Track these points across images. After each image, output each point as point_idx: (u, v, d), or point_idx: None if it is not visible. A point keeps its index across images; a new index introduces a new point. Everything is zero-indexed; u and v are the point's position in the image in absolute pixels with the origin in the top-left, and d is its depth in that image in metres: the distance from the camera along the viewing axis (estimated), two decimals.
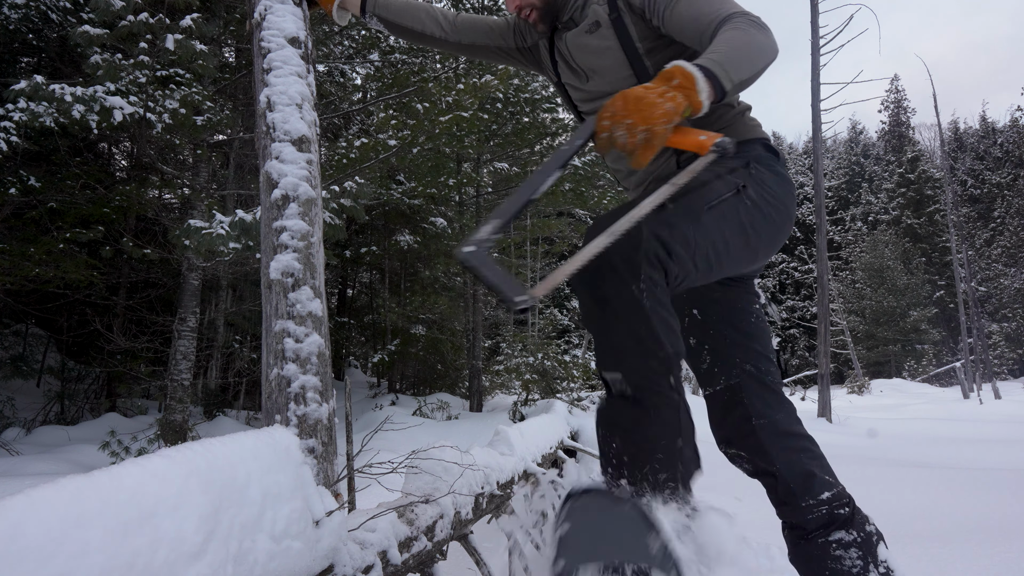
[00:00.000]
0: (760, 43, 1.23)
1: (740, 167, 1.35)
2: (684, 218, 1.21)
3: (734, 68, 1.18)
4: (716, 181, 1.28)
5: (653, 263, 1.14)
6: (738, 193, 1.29)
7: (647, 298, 1.12)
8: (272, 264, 1.41)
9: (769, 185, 1.35)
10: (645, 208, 1.16)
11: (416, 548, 1.55)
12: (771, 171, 1.39)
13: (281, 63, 1.54)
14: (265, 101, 1.51)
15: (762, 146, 1.43)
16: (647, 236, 1.14)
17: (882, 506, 3.14)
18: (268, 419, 1.35)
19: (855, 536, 1.41)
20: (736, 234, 1.27)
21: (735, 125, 1.45)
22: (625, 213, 1.16)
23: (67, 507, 0.72)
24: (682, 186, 1.23)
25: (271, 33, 1.56)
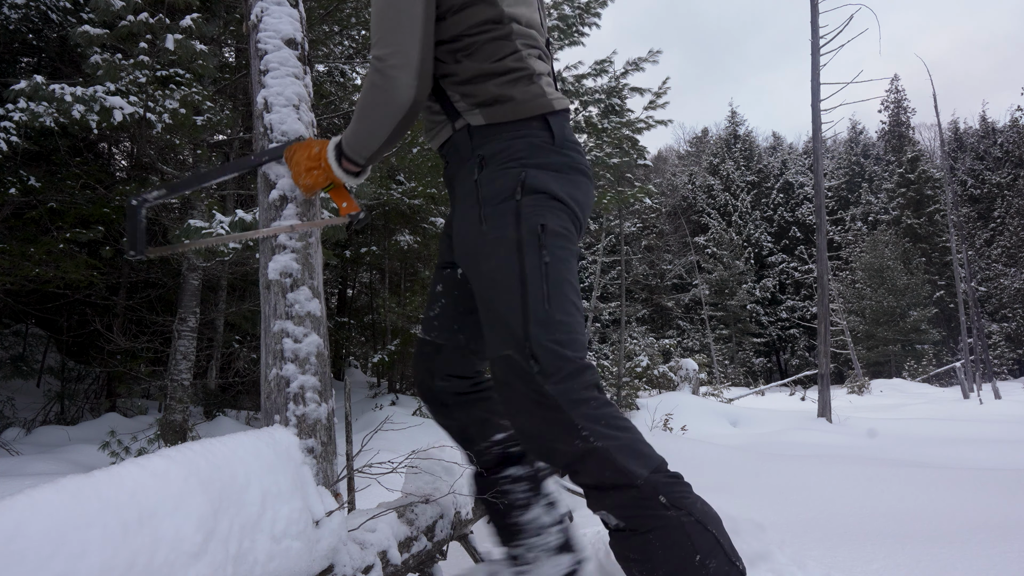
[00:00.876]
0: (379, 112, 1.26)
1: (511, 190, 1.24)
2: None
3: (362, 145, 1.31)
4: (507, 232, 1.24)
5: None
6: (540, 246, 1.22)
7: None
8: (270, 264, 1.42)
9: (545, 196, 1.25)
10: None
11: (416, 548, 1.55)
12: (551, 169, 1.27)
13: (278, 64, 1.54)
14: (262, 102, 1.51)
15: (540, 128, 1.29)
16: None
17: (882, 506, 3.14)
18: (267, 419, 1.35)
19: (525, 471, 1.52)
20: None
21: (500, 102, 1.27)
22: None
23: (67, 507, 0.73)
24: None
25: (267, 35, 1.56)
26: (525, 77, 1.29)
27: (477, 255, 1.28)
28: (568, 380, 1.19)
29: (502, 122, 1.27)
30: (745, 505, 3.22)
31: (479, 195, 1.27)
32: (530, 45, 1.33)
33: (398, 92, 1.23)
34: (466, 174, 1.31)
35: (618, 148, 9.40)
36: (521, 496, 1.49)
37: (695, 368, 14.16)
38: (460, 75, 1.28)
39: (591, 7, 9.28)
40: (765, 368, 35.98)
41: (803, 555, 2.07)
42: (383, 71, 1.23)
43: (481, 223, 1.26)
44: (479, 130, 1.29)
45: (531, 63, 1.31)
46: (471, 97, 1.28)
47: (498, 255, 1.24)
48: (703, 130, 52.62)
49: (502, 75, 1.27)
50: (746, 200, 38.89)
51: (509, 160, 1.26)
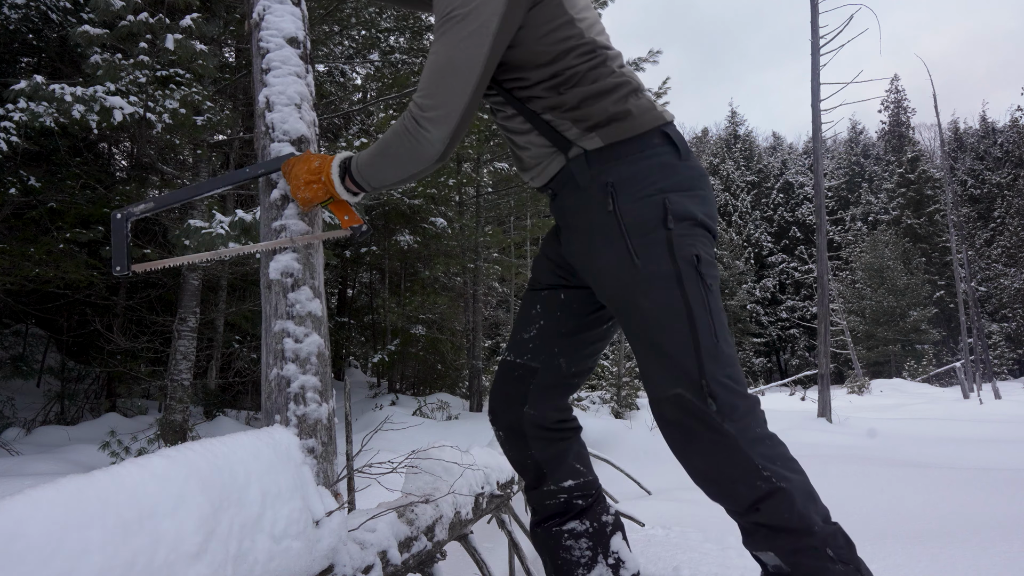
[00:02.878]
0: (402, 157, 1.25)
1: (659, 220, 1.19)
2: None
3: (374, 175, 1.29)
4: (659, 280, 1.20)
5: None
6: (699, 276, 1.19)
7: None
8: (271, 264, 1.41)
9: (690, 223, 1.21)
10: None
11: (416, 548, 1.55)
12: (684, 188, 1.23)
13: (280, 63, 1.53)
14: (264, 101, 1.51)
15: (662, 143, 1.25)
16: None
17: (882, 506, 3.15)
18: (268, 419, 1.35)
19: (588, 526, 1.45)
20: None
21: (617, 119, 1.24)
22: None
23: (67, 507, 0.72)
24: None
25: (270, 33, 1.55)
26: (634, 91, 1.25)
27: (633, 291, 1.21)
28: (745, 417, 1.16)
29: (622, 140, 1.23)
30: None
31: (622, 227, 1.20)
32: (622, 64, 1.31)
33: (428, 146, 1.21)
34: (592, 204, 1.25)
35: None
36: (583, 554, 1.43)
37: None
38: (568, 103, 1.24)
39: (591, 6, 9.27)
40: (765, 368, 35.98)
41: None
42: (420, 120, 1.20)
43: (632, 257, 1.19)
44: (597, 155, 1.24)
45: (633, 77, 1.28)
46: (584, 121, 1.23)
47: (658, 290, 1.18)
48: (703, 130, 52.64)
49: (613, 92, 1.24)
50: (746, 200, 38.90)
51: (647, 185, 1.20)
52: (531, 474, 1.48)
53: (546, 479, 1.46)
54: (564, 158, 1.28)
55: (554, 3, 1.22)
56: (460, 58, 1.17)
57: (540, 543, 1.49)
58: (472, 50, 1.16)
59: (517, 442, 1.47)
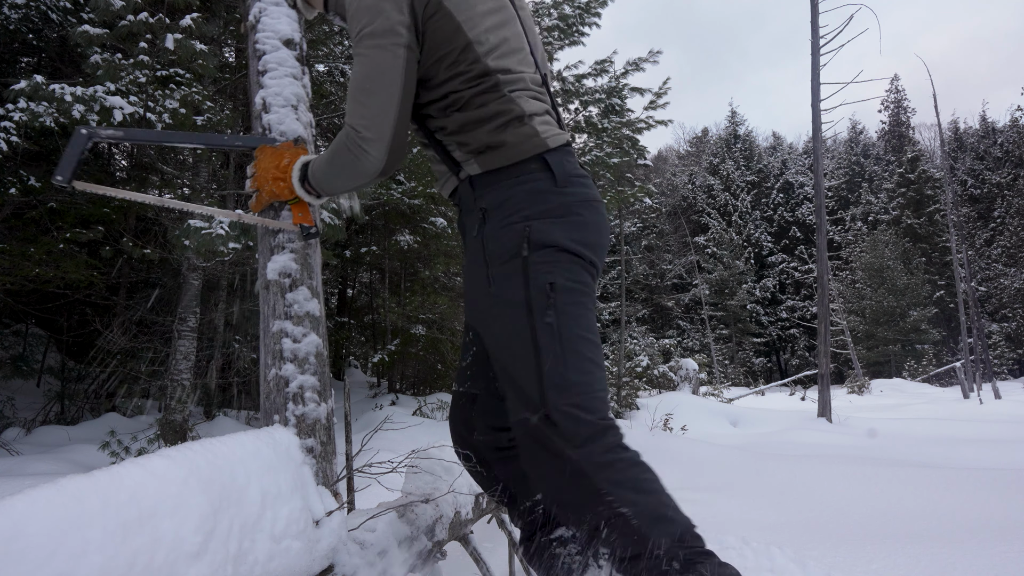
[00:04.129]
0: (347, 171, 1.27)
1: (516, 248, 1.19)
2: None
3: (325, 183, 1.32)
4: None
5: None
6: (551, 305, 1.18)
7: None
8: (269, 265, 1.42)
9: (553, 250, 1.20)
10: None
11: (416, 548, 1.55)
12: (555, 215, 1.22)
13: (276, 65, 1.54)
14: (261, 103, 1.51)
15: (538, 169, 1.25)
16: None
17: (882, 506, 3.15)
18: (266, 419, 1.35)
19: (572, 532, 1.43)
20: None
21: (492, 148, 1.25)
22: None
23: (67, 507, 0.73)
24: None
25: (266, 35, 1.56)
26: (515, 119, 1.26)
27: (487, 317, 1.25)
28: (589, 443, 1.15)
29: (499, 167, 1.24)
30: (745, 505, 3.22)
31: (485, 253, 1.24)
32: (521, 88, 1.30)
33: (368, 163, 1.23)
34: (473, 225, 1.29)
35: (618, 148, 9.40)
36: (575, 559, 1.41)
37: (695, 368, 14.16)
38: (450, 127, 1.27)
39: (591, 7, 9.28)
40: (765, 368, 35.98)
41: (803, 555, 2.07)
42: (357, 141, 1.23)
43: (489, 284, 1.22)
44: (479, 179, 1.26)
45: (521, 104, 1.28)
46: (466, 146, 1.26)
47: (508, 317, 1.20)
48: (703, 130, 52.64)
49: (490, 120, 1.25)
50: (746, 200, 38.90)
51: (512, 213, 1.22)
52: (502, 495, 1.48)
53: (516, 499, 1.46)
54: (456, 179, 1.32)
55: (450, 25, 1.23)
56: (379, 74, 1.19)
57: (532, 558, 1.48)
58: (389, 64, 1.19)
59: (479, 468, 1.48)
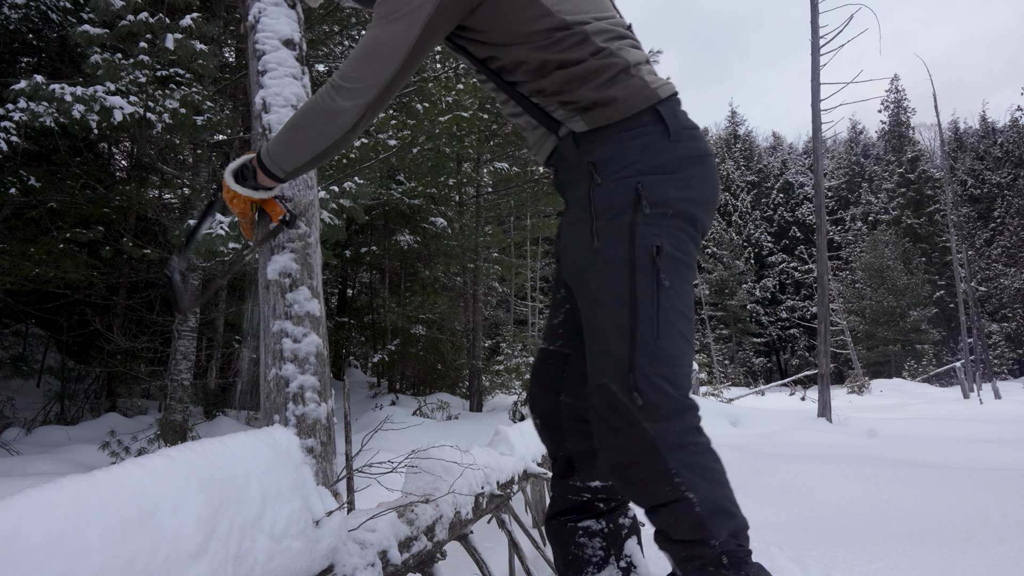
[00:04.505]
0: (314, 128, 1.21)
1: (626, 204, 1.14)
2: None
3: (286, 156, 1.25)
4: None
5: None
6: (655, 269, 1.14)
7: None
8: (269, 265, 1.42)
9: (664, 210, 1.15)
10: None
11: (416, 548, 1.55)
12: (667, 170, 1.17)
13: (276, 65, 1.54)
14: (261, 103, 1.51)
15: (651, 122, 1.19)
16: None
17: (882, 506, 3.15)
18: (267, 419, 1.35)
19: (603, 526, 1.43)
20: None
21: (601, 105, 1.18)
22: None
23: (67, 507, 0.72)
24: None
25: (265, 35, 1.56)
26: (622, 72, 1.18)
27: (586, 272, 1.19)
28: (669, 420, 1.13)
29: (607, 124, 1.18)
30: (745, 505, 3.23)
31: (592, 207, 1.18)
32: (616, 36, 1.21)
33: (342, 114, 1.19)
34: (577, 183, 1.23)
35: None
36: (596, 552, 1.41)
37: (695, 368, 14.16)
38: (550, 87, 1.20)
39: None
40: (765, 368, 35.98)
41: (803, 555, 2.07)
42: (337, 89, 1.19)
43: (593, 238, 1.17)
44: (585, 136, 1.20)
45: (623, 55, 1.19)
46: (570, 105, 1.20)
47: (609, 275, 1.15)
48: (703, 130, 52.57)
49: (594, 76, 1.17)
50: (746, 200, 38.90)
51: (624, 167, 1.16)
52: (561, 465, 1.45)
53: (574, 473, 1.42)
54: (556, 138, 1.26)
55: None
56: (388, 41, 1.16)
57: (553, 535, 1.46)
58: (400, 34, 1.15)
59: (552, 432, 1.44)
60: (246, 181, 1.32)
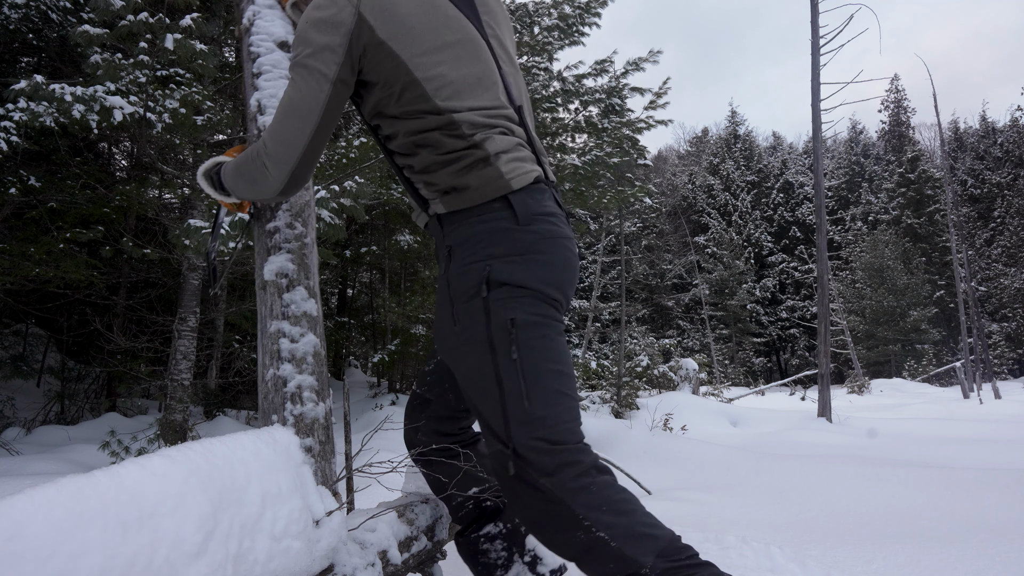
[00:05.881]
0: (251, 182, 1.31)
1: (477, 287, 1.20)
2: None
3: (232, 187, 1.36)
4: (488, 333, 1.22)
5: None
6: (512, 340, 1.19)
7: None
8: (266, 266, 1.42)
9: (512, 288, 1.21)
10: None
11: (416, 548, 1.55)
12: (517, 253, 1.21)
13: (271, 67, 1.55)
14: (256, 105, 1.53)
15: (501, 208, 1.24)
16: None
17: (882, 506, 3.15)
18: (265, 419, 1.35)
19: (501, 528, 1.52)
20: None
21: (456, 190, 1.24)
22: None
23: (67, 507, 0.73)
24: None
25: (260, 38, 1.57)
26: (480, 160, 1.24)
27: (454, 354, 1.28)
28: (560, 471, 1.17)
29: (461, 209, 1.25)
30: (745, 505, 3.22)
31: (450, 291, 1.26)
32: (486, 125, 1.26)
33: (268, 181, 1.26)
34: (441, 261, 1.31)
35: (618, 148, 9.39)
36: (499, 555, 1.49)
37: (695, 368, 14.15)
38: (416, 166, 1.27)
39: (591, 7, 9.28)
40: (765, 368, 35.98)
41: (803, 555, 2.07)
42: (263, 158, 1.26)
43: (454, 322, 1.25)
44: (445, 217, 1.28)
45: (486, 145, 1.25)
46: (432, 186, 1.27)
47: (472, 355, 1.23)
48: (703, 130, 52.65)
49: (454, 163, 1.24)
50: (746, 200, 38.90)
51: (474, 251, 1.23)
52: (440, 490, 1.55)
53: (453, 494, 1.52)
54: (427, 215, 1.33)
55: (392, 63, 1.21)
56: (301, 102, 1.21)
57: (463, 554, 1.56)
58: (312, 95, 1.21)
59: (422, 463, 1.56)
60: (215, 186, 1.42)
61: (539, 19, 9.36)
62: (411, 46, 1.22)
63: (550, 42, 9.27)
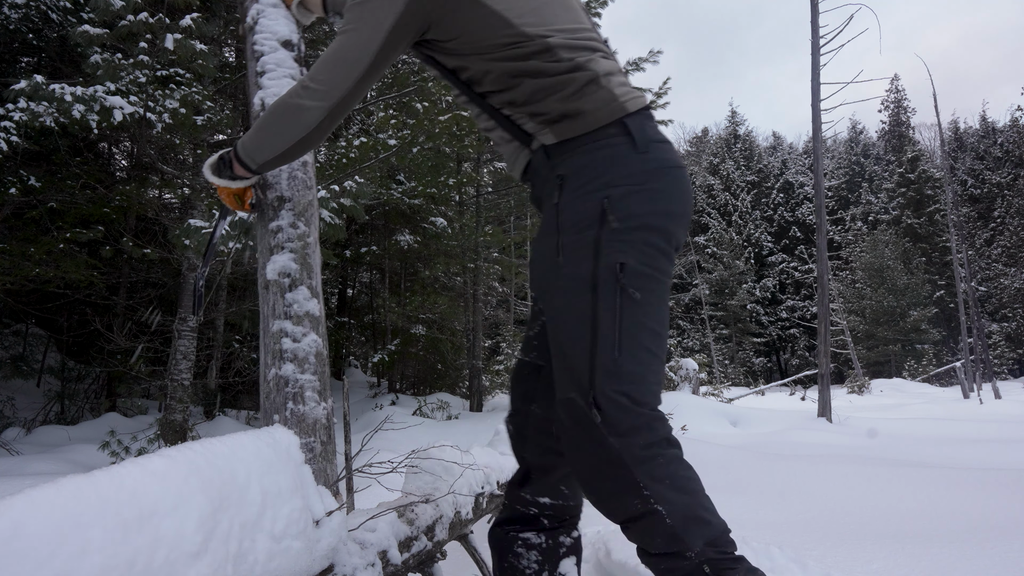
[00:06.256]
0: (282, 125, 1.25)
1: (592, 218, 1.14)
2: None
3: (257, 150, 1.29)
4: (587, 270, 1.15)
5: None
6: (618, 287, 1.13)
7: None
8: (269, 265, 1.42)
9: (630, 224, 1.14)
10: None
11: (416, 548, 1.55)
12: (635, 182, 1.16)
13: (275, 66, 1.54)
14: (259, 103, 1.52)
15: (618, 134, 1.19)
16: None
17: (882, 506, 3.14)
18: (266, 419, 1.35)
19: (542, 541, 1.43)
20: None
21: (568, 117, 1.18)
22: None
23: (67, 507, 0.73)
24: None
25: (264, 36, 1.57)
26: (591, 82, 1.18)
27: (550, 288, 1.20)
28: (633, 435, 1.12)
29: (576, 136, 1.18)
30: (745, 505, 3.22)
31: (558, 221, 1.18)
32: (583, 47, 1.21)
33: (307, 114, 1.22)
34: (549, 195, 1.22)
35: None
36: (531, 565, 1.42)
37: (695, 368, 14.14)
38: (518, 99, 1.21)
39: (591, 7, 9.28)
40: (765, 368, 35.98)
41: (803, 555, 2.07)
42: (306, 88, 1.23)
43: (557, 253, 1.17)
44: (555, 148, 1.21)
45: (592, 66, 1.19)
46: (538, 116, 1.20)
47: (571, 292, 1.16)
48: (703, 130, 52.68)
49: (561, 88, 1.18)
50: (746, 200, 38.90)
51: (590, 180, 1.16)
52: (518, 473, 1.48)
53: (528, 484, 1.44)
54: (529, 151, 1.27)
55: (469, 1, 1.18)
56: (352, 49, 1.19)
57: (494, 542, 1.48)
58: (364, 44, 1.18)
59: (518, 441, 1.46)
60: (222, 173, 1.37)
61: None
62: None
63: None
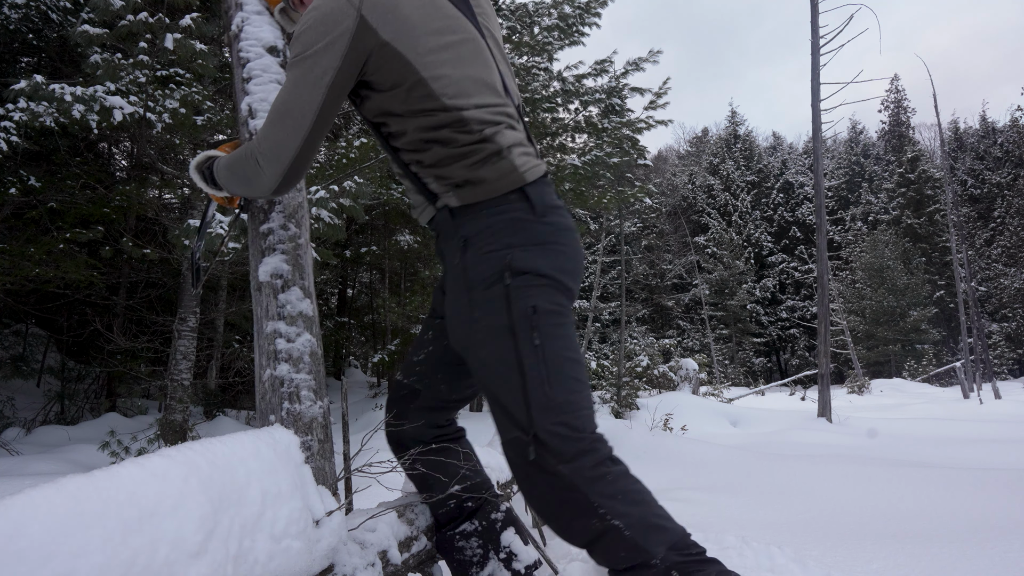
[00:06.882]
0: (244, 180, 1.33)
1: (498, 274, 1.22)
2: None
3: (225, 185, 1.38)
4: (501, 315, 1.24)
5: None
6: (533, 328, 1.21)
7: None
8: (260, 267, 1.43)
9: (532, 276, 1.23)
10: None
11: (416, 548, 1.55)
12: (534, 243, 1.24)
13: (261, 71, 1.57)
14: (247, 109, 1.54)
15: (518, 200, 1.26)
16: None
17: (882, 506, 3.15)
18: (263, 419, 1.36)
19: (477, 526, 1.54)
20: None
21: (472, 183, 1.25)
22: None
23: (67, 507, 0.73)
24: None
25: (249, 43, 1.59)
26: (493, 154, 1.25)
27: (472, 343, 1.27)
28: (580, 458, 1.19)
29: (478, 201, 1.26)
30: (745, 505, 3.22)
31: (467, 279, 1.25)
32: (493, 121, 1.28)
33: (262, 181, 1.28)
34: (453, 253, 1.30)
35: (618, 148, 9.39)
36: (475, 552, 1.51)
37: (695, 368, 14.15)
38: (427, 161, 1.28)
39: (591, 7, 9.28)
40: (765, 368, 35.98)
41: (803, 554, 2.07)
42: (256, 157, 1.26)
43: (472, 309, 1.25)
44: (459, 210, 1.28)
45: (498, 139, 1.27)
46: (444, 180, 1.27)
47: (492, 342, 1.23)
48: (703, 130, 52.68)
49: (468, 157, 1.25)
50: (746, 200, 38.90)
51: (493, 241, 1.24)
52: (421, 485, 1.57)
53: (433, 489, 1.53)
54: (434, 208, 1.34)
55: (399, 63, 1.22)
56: (296, 104, 1.22)
57: (440, 549, 1.57)
58: (307, 98, 1.21)
59: (403, 455, 1.56)
60: (207, 181, 1.43)
61: (539, 19, 9.36)
62: (416, 46, 1.22)
63: (550, 42, 9.27)
